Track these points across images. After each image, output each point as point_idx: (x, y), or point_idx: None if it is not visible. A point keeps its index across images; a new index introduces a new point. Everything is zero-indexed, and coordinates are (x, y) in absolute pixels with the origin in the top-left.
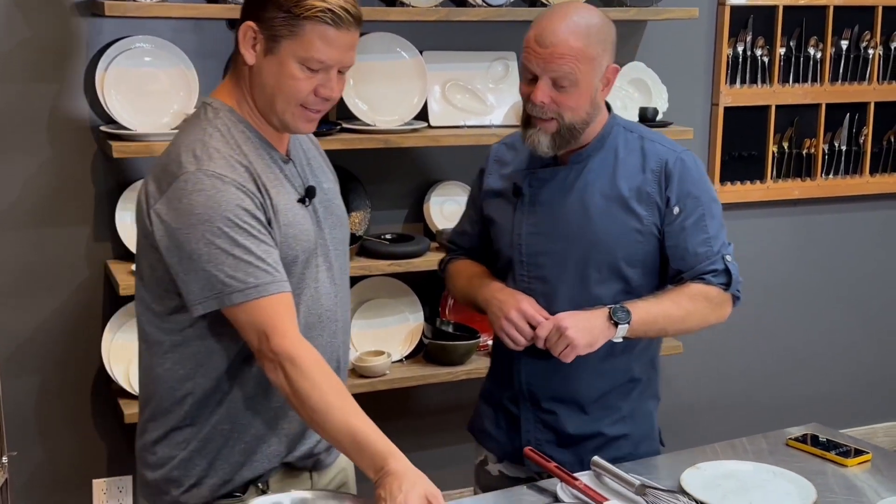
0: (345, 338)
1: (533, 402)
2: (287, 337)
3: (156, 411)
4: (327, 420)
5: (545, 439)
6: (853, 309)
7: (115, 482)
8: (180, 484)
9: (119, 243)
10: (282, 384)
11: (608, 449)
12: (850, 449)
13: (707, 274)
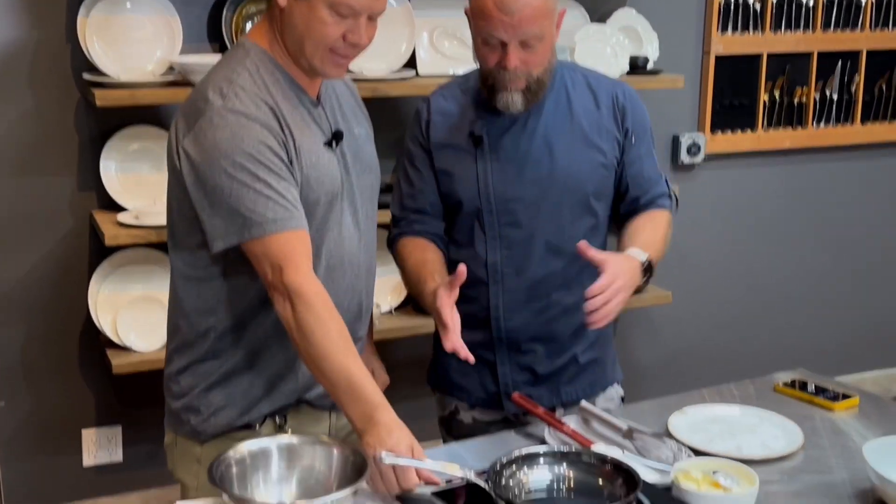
0: (368, 283)
1: (511, 346)
2: (300, 272)
3: (181, 343)
4: (326, 360)
5: (521, 380)
6: (843, 258)
7: (105, 432)
8: (199, 412)
9: (104, 193)
10: (287, 317)
11: (581, 377)
12: (838, 393)
13: (659, 198)
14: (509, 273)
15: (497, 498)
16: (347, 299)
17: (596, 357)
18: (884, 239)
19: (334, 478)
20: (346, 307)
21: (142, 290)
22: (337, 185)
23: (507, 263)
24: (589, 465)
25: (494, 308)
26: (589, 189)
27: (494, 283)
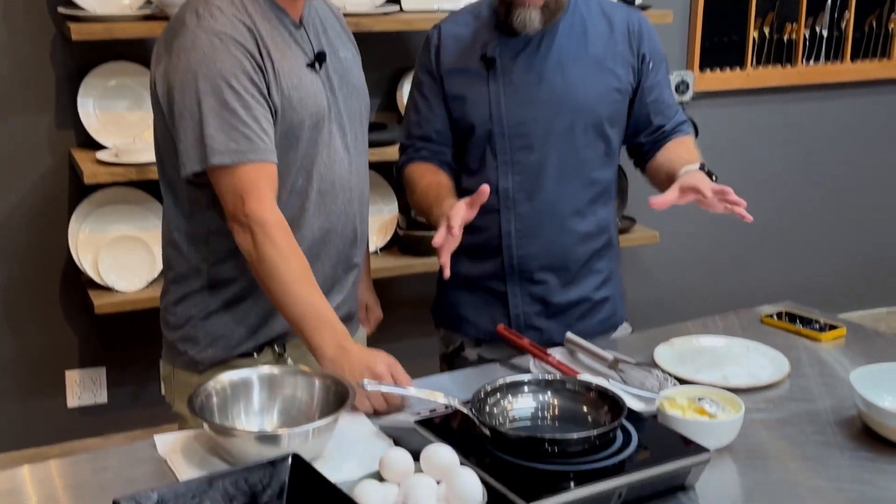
0: (362, 208)
1: (523, 275)
2: (264, 203)
3: (176, 275)
4: (291, 291)
5: (533, 311)
6: (832, 197)
7: (89, 373)
8: (196, 342)
9: (82, 131)
10: (249, 249)
11: (593, 313)
12: (824, 325)
13: (682, 125)
14: (521, 199)
15: (481, 425)
16: (341, 224)
17: (609, 295)
18: (873, 178)
19: (316, 407)
20: (341, 232)
21: (123, 229)
22: (322, 107)
23: (518, 189)
24: (574, 392)
25: (506, 235)
26: (602, 113)
27: (506, 209)
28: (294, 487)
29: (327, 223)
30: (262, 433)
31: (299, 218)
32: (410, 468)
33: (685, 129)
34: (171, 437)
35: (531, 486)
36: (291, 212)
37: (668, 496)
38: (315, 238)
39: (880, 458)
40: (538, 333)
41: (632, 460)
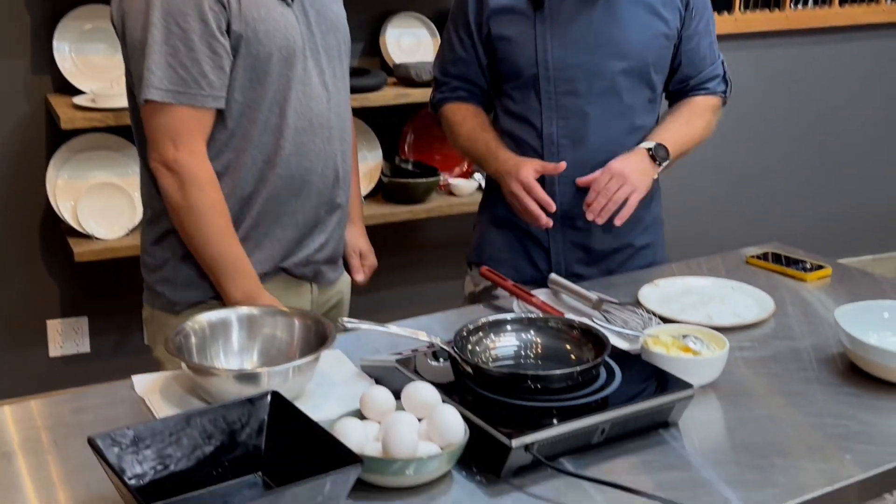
0: (343, 147)
1: (566, 222)
2: (196, 155)
3: (152, 215)
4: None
5: (575, 258)
6: (817, 145)
7: (71, 323)
8: (174, 284)
9: (59, 75)
10: (174, 195)
11: (634, 259)
12: (810, 264)
13: (710, 80)
14: (565, 144)
15: (463, 364)
16: (321, 164)
17: (650, 241)
18: (859, 124)
19: (297, 347)
20: (321, 172)
21: (102, 176)
22: (293, 41)
23: (563, 135)
24: (557, 331)
25: (549, 182)
26: (649, 59)
27: (550, 155)
28: (273, 425)
29: (306, 162)
30: (241, 372)
31: (275, 156)
32: (391, 406)
33: (711, 87)
34: (150, 377)
35: (514, 422)
36: (266, 150)
37: (651, 432)
38: (293, 177)
39: (864, 393)
40: (577, 280)
41: (615, 396)
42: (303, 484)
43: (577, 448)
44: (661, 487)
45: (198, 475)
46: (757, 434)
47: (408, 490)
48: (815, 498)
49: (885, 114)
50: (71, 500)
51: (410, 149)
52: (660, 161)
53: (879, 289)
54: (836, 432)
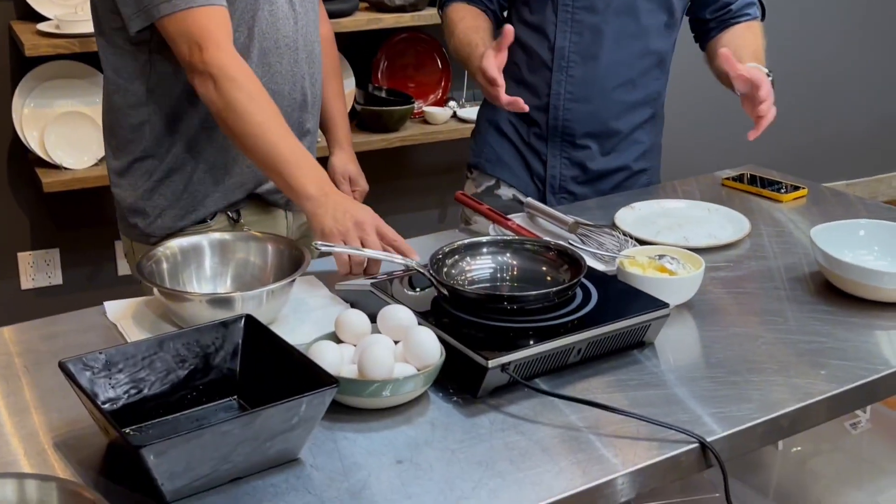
0: (312, 70)
1: (565, 138)
2: (221, 48)
3: (118, 143)
4: (264, 133)
5: (570, 175)
6: (793, 71)
7: (42, 255)
8: (146, 214)
9: (21, 1)
10: (212, 98)
11: (628, 183)
12: (786, 185)
13: (749, 6)
14: (576, 61)
15: (439, 286)
16: (289, 86)
17: (648, 167)
18: (835, 49)
19: (270, 272)
20: (289, 94)
21: (68, 105)
22: None
23: (575, 50)
24: (533, 253)
25: (555, 96)
26: None
27: (559, 69)
28: (248, 349)
29: (272, 84)
30: (214, 296)
31: None
32: (367, 329)
33: (753, 13)
34: (122, 303)
35: (490, 342)
36: None
37: (627, 352)
38: None
39: (839, 311)
40: (571, 198)
41: (591, 317)
42: (278, 405)
43: (554, 368)
44: (636, 405)
45: (172, 399)
46: (731, 352)
47: (384, 411)
48: (789, 413)
49: (859, 40)
50: (45, 425)
51: (384, 76)
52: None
53: (854, 209)
54: (810, 349)
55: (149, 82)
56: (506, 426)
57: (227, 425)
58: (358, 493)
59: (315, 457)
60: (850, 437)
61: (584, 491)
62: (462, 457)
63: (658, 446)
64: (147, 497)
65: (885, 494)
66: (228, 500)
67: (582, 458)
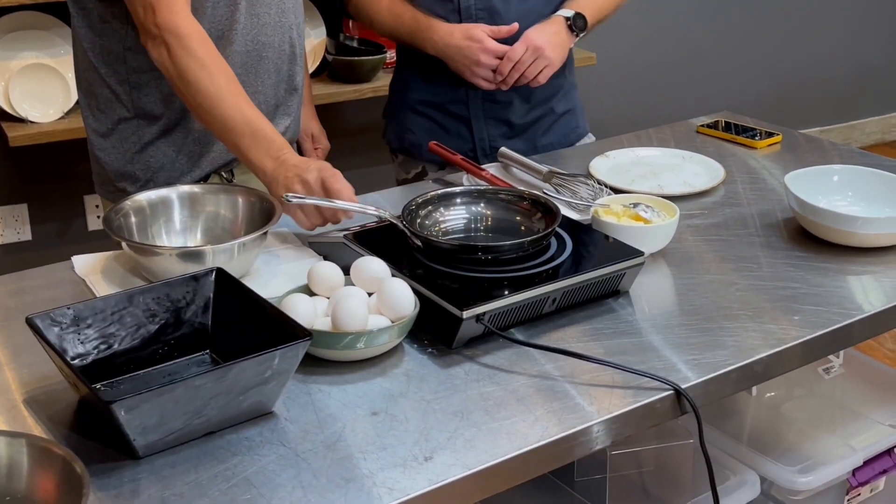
0: (298, 19)
1: (487, 97)
2: (175, 11)
3: (99, 102)
4: (218, 104)
5: (499, 133)
6: (765, 15)
7: (10, 210)
8: (135, 179)
9: None
10: (165, 63)
11: (557, 126)
12: (761, 132)
13: None
14: (483, 18)
15: (412, 237)
16: (278, 38)
17: (570, 108)
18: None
19: (241, 225)
20: (278, 46)
21: (32, 56)
22: None
23: (480, 6)
24: (507, 202)
25: None
26: None
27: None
28: (219, 302)
29: (262, 35)
30: (184, 249)
31: (230, 30)
32: (340, 281)
33: None
34: (90, 257)
35: (464, 293)
36: (220, 23)
37: (602, 301)
38: (250, 52)
39: (814, 257)
40: (550, 152)
41: (565, 266)
42: (251, 359)
43: (529, 318)
44: (611, 353)
45: (143, 354)
46: (706, 299)
47: (359, 363)
48: (762, 359)
49: None
50: (15, 381)
51: (355, 25)
52: (577, 31)
53: (827, 155)
54: (784, 294)
55: (125, 38)
56: (481, 376)
57: (199, 379)
58: (333, 444)
59: (289, 410)
60: (823, 382)
61: (559, 439)
62: (437, 407)
63: (633, 394)
64: (119, 452)
65: (858, 438)
66: (202, 454)
67: (557, 407)
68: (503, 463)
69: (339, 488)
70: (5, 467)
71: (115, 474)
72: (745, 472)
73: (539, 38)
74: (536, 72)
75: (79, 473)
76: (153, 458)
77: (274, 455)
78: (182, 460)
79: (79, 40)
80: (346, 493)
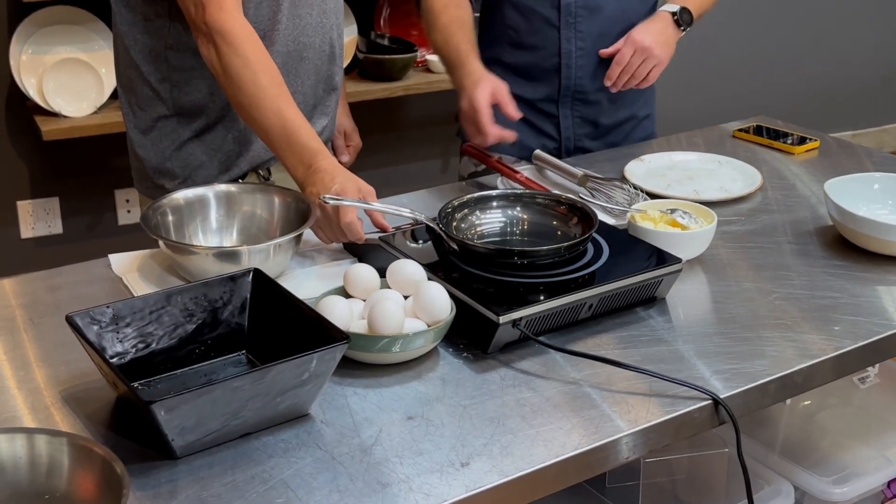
0: (338, 21)
1: (577, 96)
2: (224, 9)
3: (140, 99)
4: (257, 104)
5: (584, 133)
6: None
7: (42, 204)
8: (173, 176)
9: None
10: (212, 61)
11: (636, 130)
12: (798, 137)
13: None
14: (583, 15)
15: (448, 240)
16: (318, 38)
17: (650, 112)
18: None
19: (277, 225)
20: (318, 47)
21: (67, 51)
22: None
23: (580, 4)
24: (543, 206)
25: (566, 55)
26: None
27: (567, 26)
28: (256, 303)
29: (303, 36)
30: (221, 249)
31: (272, 31)
32: (376, 283)
33: None
34: (127, 256)
35: (501, 298)
36: (263, 24)
37: (638, 308)
38: (290, 53)
39: (853, 266)
40: (585, 154)
41: (602, 272)
42: (289, 361)
43: (564, 324)
44: (647, 361)
45: (180, 354)
46: (743, 308)
47: (394, 367)
48: (802, 369)
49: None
50: (51, 379)
51: (386, 23)
52: (684, 26)
53: (863, 162)
54: (822, 304)
55: (168, 37)
56: (517, 382)
57: (237, 381)
58: (369, 448)
59: (325, 412)
60: (858, 392)
61: (596, 448)
62: (473, 413)
63: (670, 403)
64: (157, 452)
65: (893, 449)
66: (238, 455)
67: (594, 415)
68: (540, 471)
69: (376, 493)
70: (46, 465)
71: (153, 474)
72: (779, 482)
73: (646, 38)
74: (646, 72)
75: (119, 474)
76: (190, 458)
77: (310, 458)
78: (219, 461)
79: (120, 37)
80: (382, 499)
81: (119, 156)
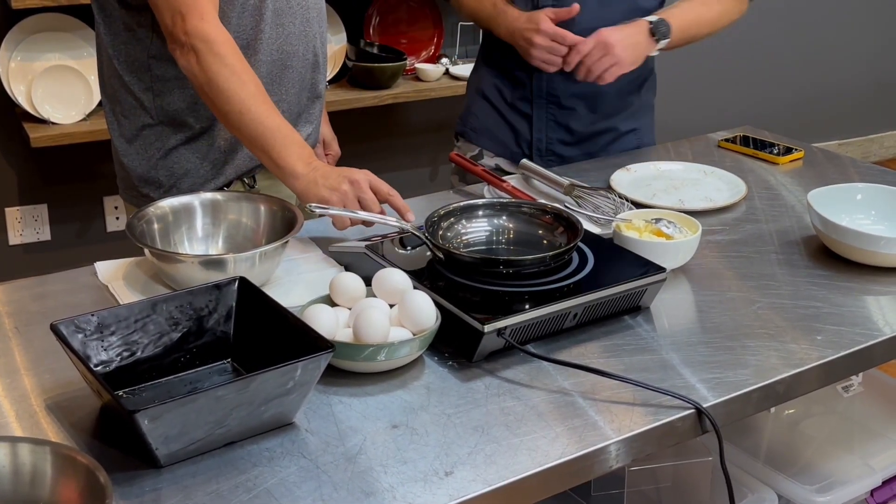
0: (321, 29)
1: (551, 99)
2: (205, 19)
3: (124, 108)
4: (248, 110)
5: (556, 137)
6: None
7: (30, 210)
8: (158, 185)
9: None
10: (194, 70)
11: (617, 143)
12: (783, 147)
13: None
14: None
15: (434, 248)
16: (302, 47)
17: (636, 126)
18: (828, 9)
19: (263, 233)
20: (302, 56)
21: (56, 58)
22: None
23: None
24: (529, 216)
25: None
26: None
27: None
28: (242, 311)
29: (286, 45)
30: (207, 257)
31: (255, 40)
32: (362, 292)
33: None
34: (113, 263)
35: (486, 307)
36: (246, 33)
37: (622, 317)
38: (274, 62)
39: (836, 275)
40: (559, 160)
41: (587, 281)
42: (274, 370)
43: (549, 333)
44: (632, 370)
45: (165, 362)
46: (727, 317)
47: (379, 375)
48: (785, 379)
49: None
50: (37, 387)
51: (375, 32)
52: (659, 37)
53: (848, 172)
54: (806, 314)
55: (150, 47)
56: (501, 391)
57: (222, 390)
58: (353, 457)
59: (310, 421)
60: (842, 401)
61: (580, 457)
62: (458, 421)
63: (654, 412)
64: (141, 461)
65: (877, 458)
66: (223, 464)
67: (578, 424)
68: (524, 479)
69: (360, 502)
70: (29, 474)
71: (137, 483)
72: (763, 491)
73: (611, 36)
74: (602, 68)
75: (102, 483)
76: (174, 467)
77: (294, 467)
78: (203, 470)
79: (103, 47)
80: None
81: (107, 163)
